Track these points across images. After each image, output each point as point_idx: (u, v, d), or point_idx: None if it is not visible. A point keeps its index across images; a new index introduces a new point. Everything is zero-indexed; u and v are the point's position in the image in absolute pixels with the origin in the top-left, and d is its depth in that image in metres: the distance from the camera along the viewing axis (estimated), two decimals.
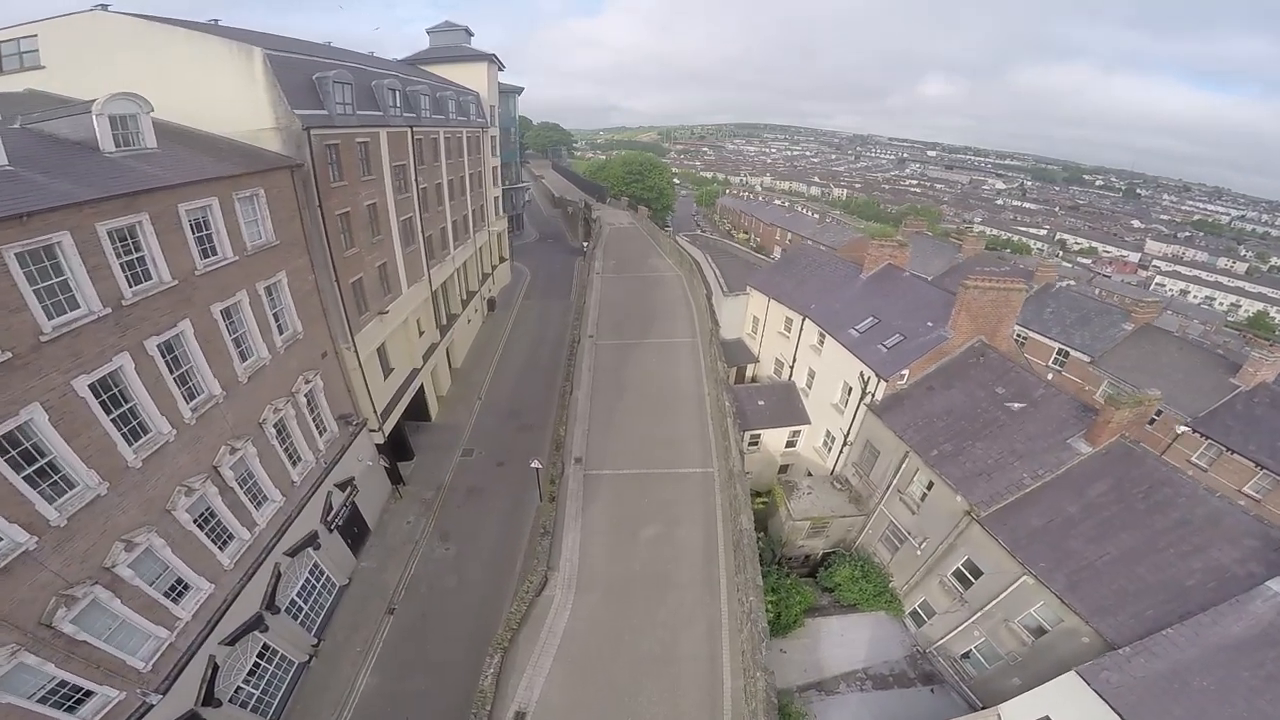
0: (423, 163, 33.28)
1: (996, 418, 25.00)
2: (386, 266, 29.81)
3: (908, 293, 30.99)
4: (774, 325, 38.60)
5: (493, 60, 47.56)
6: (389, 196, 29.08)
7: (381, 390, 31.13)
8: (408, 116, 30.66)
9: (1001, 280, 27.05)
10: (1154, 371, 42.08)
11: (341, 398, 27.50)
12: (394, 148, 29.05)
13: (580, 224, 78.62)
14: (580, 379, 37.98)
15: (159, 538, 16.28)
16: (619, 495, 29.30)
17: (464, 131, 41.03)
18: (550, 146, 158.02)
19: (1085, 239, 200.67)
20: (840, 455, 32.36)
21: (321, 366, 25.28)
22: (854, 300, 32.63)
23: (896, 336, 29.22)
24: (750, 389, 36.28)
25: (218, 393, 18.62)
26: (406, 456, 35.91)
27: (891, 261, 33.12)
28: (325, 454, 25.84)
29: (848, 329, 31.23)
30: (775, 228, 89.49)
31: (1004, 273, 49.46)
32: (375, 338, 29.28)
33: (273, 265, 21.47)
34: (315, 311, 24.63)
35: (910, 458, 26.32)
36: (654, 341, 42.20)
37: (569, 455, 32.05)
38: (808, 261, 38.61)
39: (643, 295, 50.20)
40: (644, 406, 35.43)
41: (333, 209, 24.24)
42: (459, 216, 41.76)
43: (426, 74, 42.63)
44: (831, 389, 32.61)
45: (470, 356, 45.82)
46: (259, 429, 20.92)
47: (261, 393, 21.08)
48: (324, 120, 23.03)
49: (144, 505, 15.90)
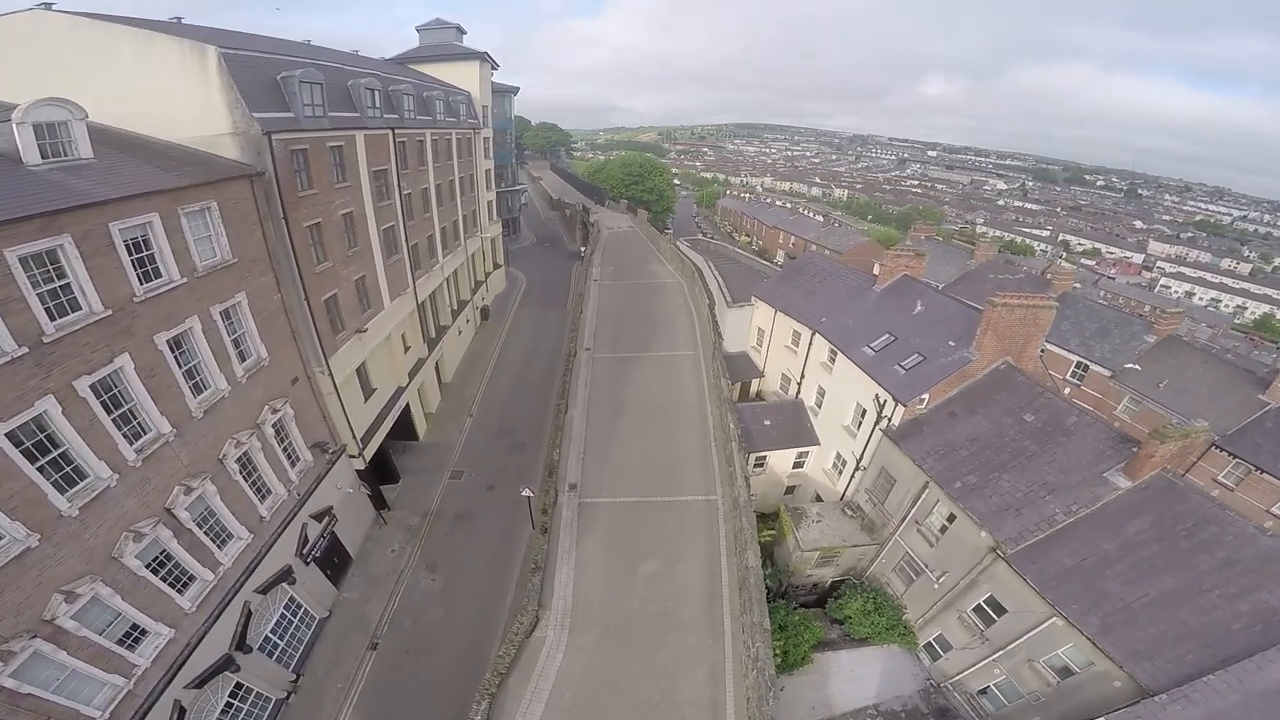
0: (406, 167, 31.14)
1: (1025, 447, 22.96)
2: (365, 280, 27.68)
3: (927, 308, 28.86)
4: (781, 339, 36.47)
5: (485, 59, 45.37)
6: (368, 204, 26.95)
7: (362, 413, 29.11)
8: (389, 118, 28.52)
9: (1030, 298, 24.96)
10: (1178, 387, 40.19)
11: (316, 424, 25.56)
12: (373, 151, 26.92)
13: (578, 227, 76.50)
14: (576, 396, 35.82)
15: (105, 586, 15.05)
16: (616, 525, 27.31)
17: (453, 133, 38.89)
18: (549, 147, 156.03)
19: (1088, 240, 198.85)
20: (852, 480, 30.36)
21: (292, 393, 23.40)
22: (868, 315, 30.49)
23: (915, 357, 27.10)
24: (756, 408, 34.17)
25: (166, 431, 16.88)
26: (391, 480, 33.99)
27: (908, 272, 30.97)
28: (298, 485, 24.15)
29: (861, 347, 29.12)
30: (778, 230, 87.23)
31: (1018, 281, 47.83)
32: (353, 358, 27.19)
33: (230, 286, 19.45)
34: (283, 334, 22.65)
35: (930, 489, 24.31)
36: (654, 355, 40.04)
37: (563, 481, 29.95)
38: (817, 271, 36.47)
39: (642, 304, 48.04)
40: (643, 427, 33.33)
41: (301, 220, 22.13)
42: (448, 223, 39.62)
43: (413, 73, 40.46)
44: (843, 410, 30.52)
45: (461, 370, 43.69)
46: (219, 465, 19.17)
47: (221, 427, 19.34)
48: (289, 123, 20.90)
49: (85, 554, 14.60)
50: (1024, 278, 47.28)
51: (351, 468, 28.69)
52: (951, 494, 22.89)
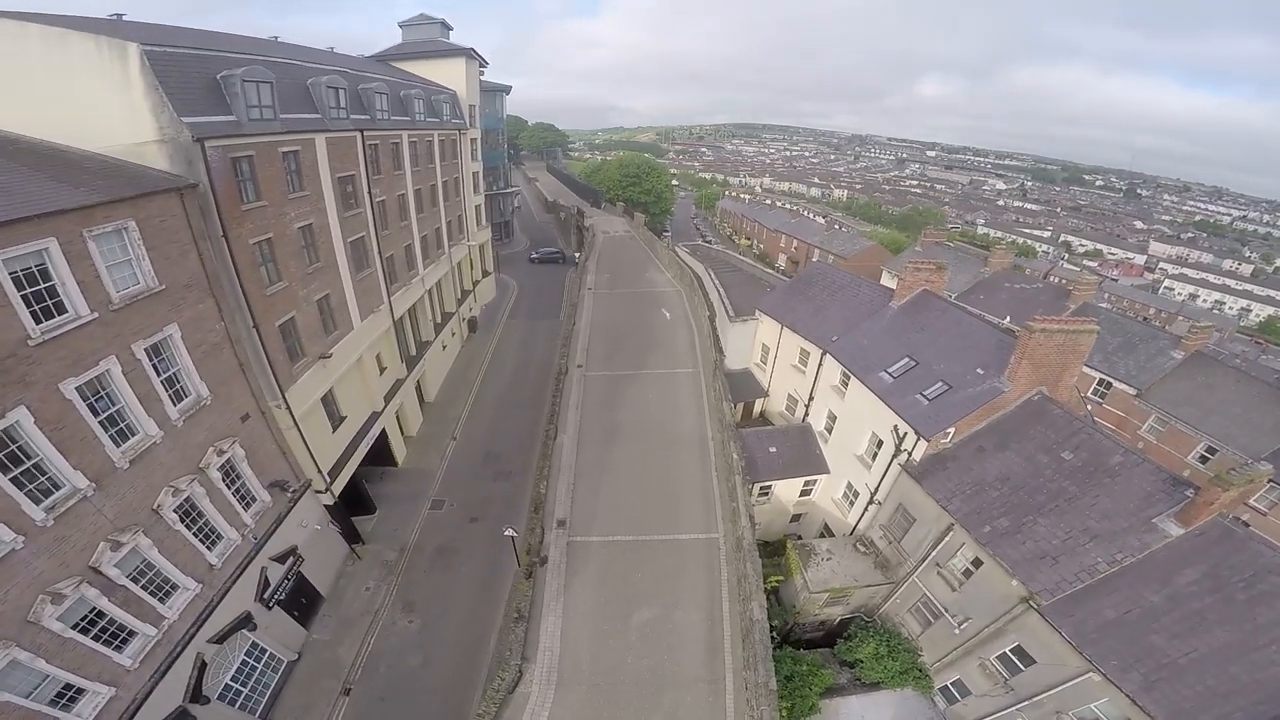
0: (379, 172, 28.41)
1: (1064, 489, 20.46)
2: (330, 299, 24.97)
3: (950, 327, 26.20)
4: (787, 357, 33.81)
5: (471, 55, 42.59)
6: (332, 214, 24.25)
7: (329, 445, 26.53)
8: (357, 119, 25.80)
9: (1071, 321, 22.34)
10: (1208, 407, 37.75)
11: (273, 461, 22.98)
12: (337, 156, 24.20)
13: (573, 232, 73.84)
14: (566, 420, 33.17)
15: (23, 650, 13.63)
16: (608, 567, 24.95)
17: (435, 134, 36.13)
18: (545, 148, 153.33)
19: (1089, 240, 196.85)
20: (865, 513, 27.77)
21: (242, 431, 20.90)
22: (885, 335, 27.83)
23: (939, 385, 24.45)
24: (761, 434, 31.52)
25: (83, 485, 14.69)
26: (367, 510, 31.32)
27: (928, 287, 28.29)
28: (255, 528, 21.83)
29: (878, 371, 26.47)
30: (780, 234, 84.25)
31: (1035, 291, 45.32)
32: (317, 387, 24.54)
33: (157, 318, 16.80)
34: (228, 368, 20.03)
35: (956, 532, 21.88)
36: (651, 373, 37.38)
37: (550, 518, 27.45)
38: (826, 283, 33.77)
39: (639, 315, 45.36)
40: (638, 455, 30.79)
41: (246, 237, 19.41)
42: (430, 230, 36.89)
43: (393, 70, 37.76)
44: (856, 438, 27.91)
45: (446, 388, 40.94)
46: (154, 516, 17.05)
47: (154, 475, 17.05)
48: (230, 128, 18.19)
49: None
50: (1041, 288, 44.71)
51: (319, 503, 26.21)
52: (980, 539, 20.59)
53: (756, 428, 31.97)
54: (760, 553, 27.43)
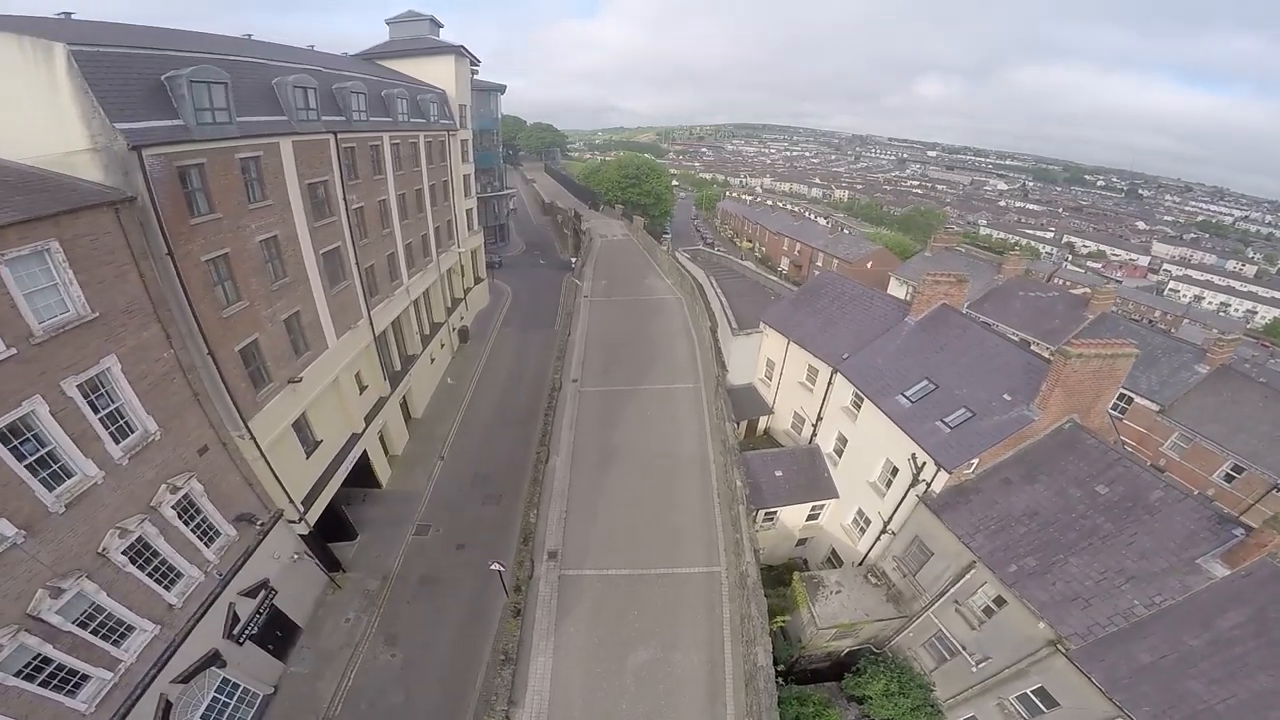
0: (357, 177, 26.43)
1: (1098, 526, 18.72)
2: (300, 317, 22.99)
3: (972, 347, 24.23)
4: (794, 374, 31.84)
5: (461, 53, 40.57)
6: (300, 224, 22.27)
7: (302, 473, 24.66)
8: (331, 120, 23.81)
9: (1109, 345, 20.40)
10: (1234, 424, 35.99)
11: (239, 494, 21.13)
12: (306, 161, 22.21)
13: (570, 234, 71.85)
14: (559, 441, 31.19)
15: None
16: (602, 603, 23.11)
17: (421, 135, 34.12)
18: (544, 148, 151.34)
19: (1092, 241, 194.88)
20: (877, 543, 25.93)
21: (200, 465, 19.08)
22: (901, 354, 25.86)
23: (962, 411, 22.51)
24: (766, 456, 29.55)
25: (11, 534, 13.28)
26: (347, 537, 29.44)
27: (947, 301, 26.31)
28: (220, 564, 20.22)
29: (894, 394, 24.52)
30: (782, 237, 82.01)
31: (1051, 300, 43.43)
32: (286, 413, 22.61)
33: (92, 349, 14.92)
34: (181, 399, 18.08)
35: (978, 570, 20.13)
36: (650, 388, 35.38)
37: (540, 548, 25.54)
38: (836, 294, 31.76)
39: (637, 325, 43.35)
40: (636, 479, 28.83)
41: (197, 254, 17.45)
42: (415, 237, 34.87)
43: (376, 69, 35.77)
44: (869, 464, 26.00)
45: (434, 403, 38.90)
46: (100, 559, 15.72)
47: (96, 518, 15.48)
48: (174, 134, 16.21)
49: None
50: (1057, 296, 42.81)
51: (293, 533, 24.40)
52: (1005, 580, 18.95)
53: (761, 450, 29.99)
54: (764, 579, 25.63)
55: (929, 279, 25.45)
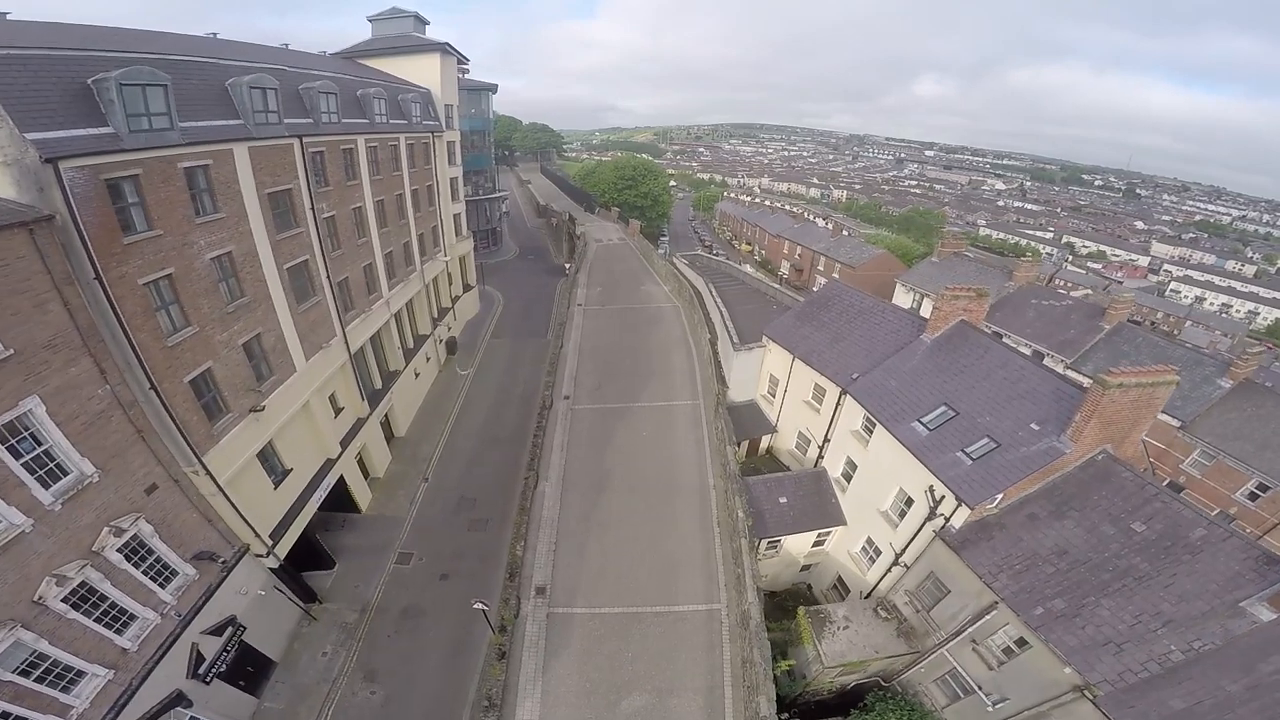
0: (327, 183, 24.42)
1: (1133, 566, 17.09)
2: (262, 340, 20.99)
3: (996, 370, 22.31)
4: (799, 391, 29.91)
5: (447, 50, 38.51)
6: (260, 237, 20.25)
7: (269, 504, 22.81)
8: (295, 123, 21.77)
9: (1149, 372, 18.59)
10: (1260, 440, 34.41)
11: (197, 532, 19.35)
12: (266, 168, 20.18)
13: (564, 238, 69.82)
14: (549, 464, 29.25)
15: None
16: (593, 644, 21.48)
17: (402, 137, 32.07)
18: (540, 149, 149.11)
19: (1092, 241, 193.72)
20: (888, 574, 24.14)
21: (148, 505, 17.34)
22: (917, 375, 23.93)
23: (985, 441, 20.63)
24: (770, 482, 27.63)
25: None
26: (324, 565, 27.54)
27: (966, 317, 24.39)
28: (178, 605, 18.71)
29: (909, 420, 22.62)
30: (782, 240, 79.88)
31: (1066, 309, 41.54)
32: (247, 445, 20.66)
33: (8, 390, 13.09)
34: (122, 437, 16.25)
35: (1000, 611, 18.48)
36: (646, 406, 33.42)
37: (527, 586, 23.72)
38: (844, 307, 29.81)
39: (633, 336, 41.37)
40: (630, 507, 26.99)
41: (133, 276, 15.44)
42: (397, 246, 32.82)
43: (355, 68, 33.75)
44: (881, 493, 24.17)
45: (419, 420, 36.84)
46: (37, 608, 14.51)
47: (28, 566, 14.12)
48: (102, 143, 14.19)
49: None
50: (1071, 305, 40.94)
51: (261, 567, 22.52)
52: (1030, 622, 17.35)
53: (765, 475, 28.06)
54: (766, 605, 23.95)
55: (947, 294, 23.53)
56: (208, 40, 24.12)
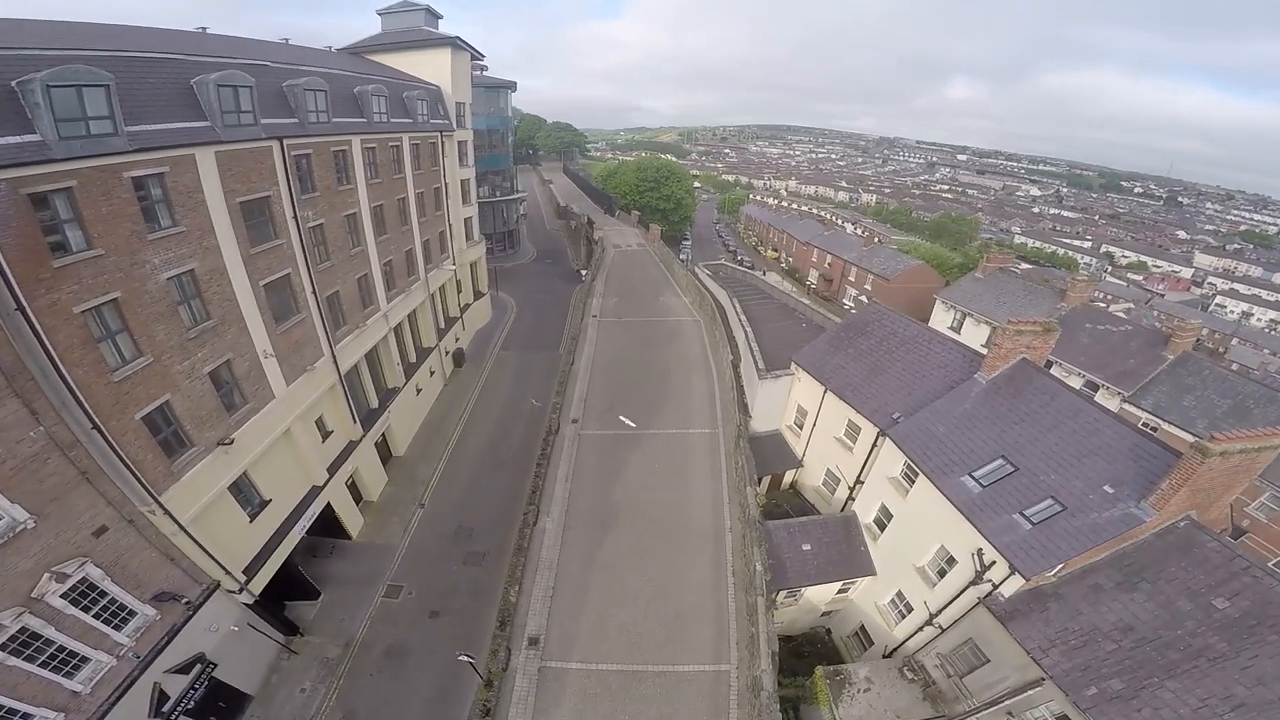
0: (314, 189, 22.21)
1: (1209, 646, 14.80)
2: (232, 366, 18.87)
3: (1064, 420, 19.30)
4: (830, 426, 27.13)
5: (459, 45, 36.27)
6: (230, 252, 18.11)
7: (244, 538, 20.99)
8: (275, 124, 19.58)
9: (1257, 435, 15.67)
10: None
11: (157, 571, 17.56)
12: (238, 174, 18.01)
13: (583, 242, 67.50)
14: (552, 497, 26.92)
15: None
16: (588, 705, 19.59)
17: (405, 137, 29.85)
18: (563, 148, 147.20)
19: (1132, 251, 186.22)
20: (919, 633, 21.64)
21: (97, 548, 15.69)
22: (970, 422, 20.99)
23: (1048, 503, 17.82)
24: (793, 527, 24.93)
25: None
26: (308, 595, 25.57)
27: (1028, 355, 21.35)
28: (137, 646, 17.29)
29: (959, 474, 19.77)
30: (811, 248, 76.36)
31: (1124, 335, 38.02)
32: (214, 480, 18.65)
33: None
34: (62, 479, 14.40)
35: (1046, 687, 16.26)
36: (660, 434, 30.87)
37: (520, 634, 21.66)
38: (885, 334, 26.86)
39: (649, 353, 38.80)
40: (638, 550, 24.68)
41: (67, 304, 13.33)
42: (398, 254, 30.66)
43: (355, 63, 31.70)
44: (918, 548, 21.53)
45: (420, 438, 34.69)
46: None
47: None
48: (24, 152, 12.04)
49: None
50: (1130, 330, 37.41)
51: (235, 602, 20.62)
52: (1080, 703, 15.25)
53: (788, 520, 25.33)
54: (781, 650, 21.47)
55: (1009, 329, 20.45)
56: (189, 35, 22.09)
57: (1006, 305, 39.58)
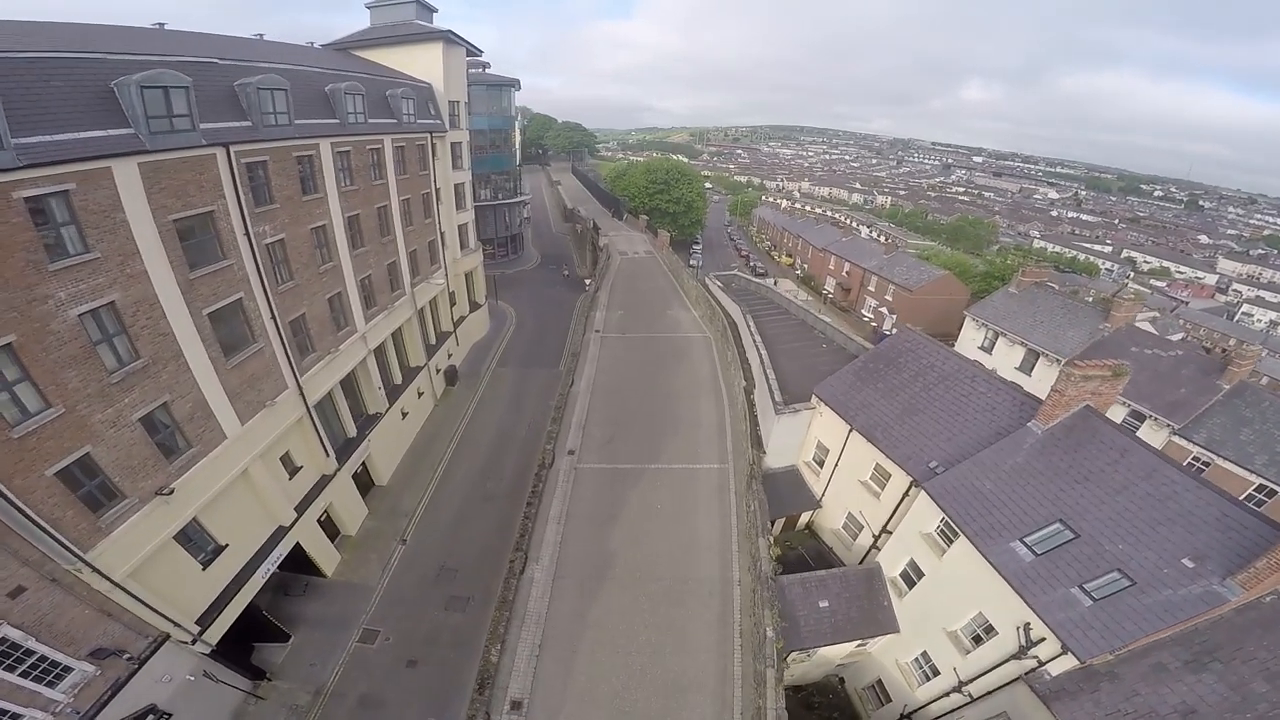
0: (270, 200, 19.58)
1: None
2: (170, 409, 16.34)
3: (1137, 480, 16.39)
4: (855, 469, 24.32)
5: (452, 39, 33.58)
6: (162, 278, 15.56)
7: (196, 588, 18.73)
8: (220, 129, 17.00)
9: None
10: None
11: (91, 627, 15.74)
12: (170, 188, 15.44)
13: (588, 248, 64.82)
14: (542, 543, 24.27)
15: None
16: None
17: (387, 139, 27.21)
18: (572, 148, 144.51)
19: (1154, 257, 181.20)
20: (944, 699, 19.33)
21: (15, 609, 14.02)
22: (1022, 478, 18.08)
23: (1114, 576, 15.13)
24: (810, 583, 22.13)
25: None
26: (277, 638, 23.32)
27: (1092, 402, 18.41)
28: (76, 702, 15.52)
29: (1008, 538, 16.95)
30: (829, 255, 72.91)
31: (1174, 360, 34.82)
32: (155, 531, 16.36)
33: None
34: None
35: None
36: (663, 469, 28.07)
37: (500, 698, 19.24)
38: (920, 367, 23.92)
39: (655, 374, 36.01)
40: (635, 605, 22.05)
41: None
42: (378, 268, 28.00)
43: (338, 60, 29.21)
44: (953, 611, 18.97)
45: (406, 464, 32.11)
46: None
47: None
48: None
49: None
50: (1181, 355, 34.14)
51: (190, 651, 18.47)
52: None
53: (804, 575, 22.48)
54: (789, 703, 18.85)
55: (1074, 374, 17.44)
56: (132, 31, 19.49)
57: (1044, 325, 36.47)
